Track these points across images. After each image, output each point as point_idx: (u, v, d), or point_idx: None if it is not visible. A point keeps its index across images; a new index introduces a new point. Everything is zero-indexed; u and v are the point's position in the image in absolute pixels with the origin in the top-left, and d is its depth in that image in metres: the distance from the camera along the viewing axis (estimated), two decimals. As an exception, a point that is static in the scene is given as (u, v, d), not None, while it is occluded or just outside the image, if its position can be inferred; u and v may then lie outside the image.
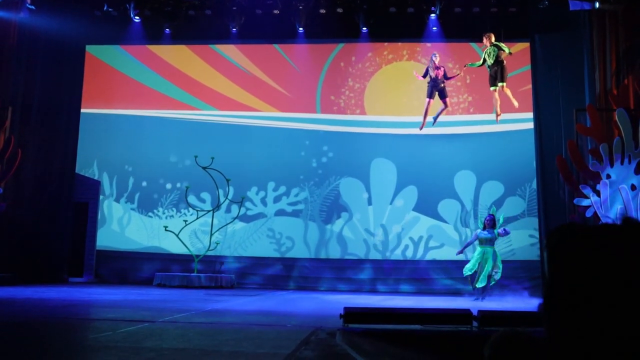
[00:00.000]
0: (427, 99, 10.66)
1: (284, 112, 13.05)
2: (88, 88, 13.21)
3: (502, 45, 10.41)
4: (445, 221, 12.29)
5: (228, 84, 13.21)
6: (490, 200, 12.09)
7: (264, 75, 13.19)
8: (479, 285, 9.81)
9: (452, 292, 11.43)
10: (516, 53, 11.88)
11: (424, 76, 10.78)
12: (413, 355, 5.04)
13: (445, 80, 10.77)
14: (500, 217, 10.35)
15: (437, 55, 10.82)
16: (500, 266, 9.95)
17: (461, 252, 10.69)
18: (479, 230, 10.24)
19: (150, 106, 13.25)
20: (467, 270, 9.99)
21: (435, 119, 10.88)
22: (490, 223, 10.12)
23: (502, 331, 1.27)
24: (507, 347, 1.46)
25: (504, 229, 10.18)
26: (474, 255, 10.12)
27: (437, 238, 12.26)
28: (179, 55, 13.40)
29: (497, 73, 10.40)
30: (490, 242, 10.02)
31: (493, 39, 10.49)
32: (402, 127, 12.58)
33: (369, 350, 4.80)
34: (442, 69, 10.69)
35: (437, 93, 10.64)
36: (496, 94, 10.47)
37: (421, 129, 11.03)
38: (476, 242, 10.25)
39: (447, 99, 10.80)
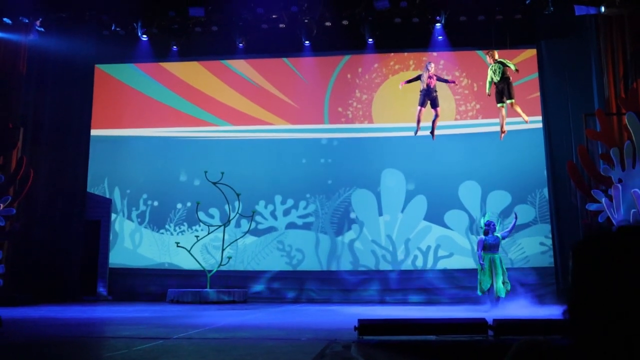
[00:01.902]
0: (419, 107, 10.65)
1: (293, 124, 13.11)
2: (97, 106, 13.34)
3: (507, 61, 10.36)
4: (454, 230, 12.25)
5: (236, 96, 13.29)
6: (499, 209, 12.04)
7: (272, 87, 13.27)
8: (501, 295, 9.67)
9: (463, 301, 11.36)
10: (523, 61, 11.89)
11: (413, 80, 10.74)
12: (429, 366, 5.01)
13: (437, 87, 10.71)
14: (487, 218, 10.17)
15: (432, 64, 10.82)
16: (506, 274, 9.85)
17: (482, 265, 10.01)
18: (482, 237, 10.13)
19: (159, 123, 13.35)
20: (486, 284, 9.82)
21: (432, 132, 10.81)
22: (494, 228, 10.03)
23: (522, 341, 1.26)
24: (528, 357, 1.45)
25: (496, 237, 9.99)
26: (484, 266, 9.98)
27: (446, 247, 12.22)
28: (187, 70, 13.52)
29: (504, 90, 10.34)
30: (496, 247, 9.94)
31: (497, 56, 10.47)
32: (411, 137, 12.56)
33: (385, 362, 4.78)
34: (434, 78, 10.67)
35: (429, 102, 10.62)
36: (503, 111, 10.40)
37: (416, 133, 10.97)
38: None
39: (439, 109, 10.76)
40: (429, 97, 10.58)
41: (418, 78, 10.75)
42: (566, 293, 0.95)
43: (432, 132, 10.79)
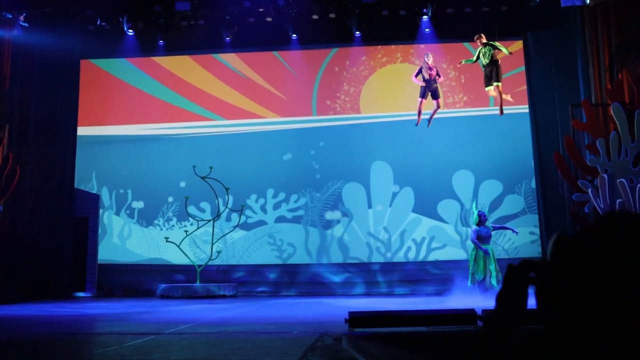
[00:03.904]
0: (419, 99, 10.64)
1: (281, 116, 13.09)
2: (83, 102, 13.25)
3: (500, 45, 10.36)
4: (445, 222, 12.31)
5: (224, 88, 13.24)
6: (490, 199, 12.13)
7: (260, 79, 13.24)
8: (495, 285, 9.64)
9: (454, 292, 11.42)
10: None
11: (417, 75, 10.74)
12: (420, 357, 5.05)
13: (437, 79, 10.71)
14: (474, 210, 10.17)
15: (430, 55, 10.78)
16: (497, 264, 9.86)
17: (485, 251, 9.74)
18: (474, 227, 10.05)
19: (147, 117, 13.27)
20: (479, 275, 9.82)
21: (429, 120, 10.85)
22: (485, 218, 10.01)
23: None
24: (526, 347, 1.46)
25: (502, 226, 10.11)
26: (478, 257, 9.95)
27: (439, 239, 12.28)
28: (175, 62, 13.44)
29: (492, 72, 10.36)
30: (488, 239, 9.94)
31: (484, 39, 10.47)
32: (399, 130, 12.62)
33: (376, 354, 4.81)
34: (434, 69, 10.67)
35: (430, 93, 10.62)
36: (492, 93, 10.42)
37: (417, 125, 10.95)
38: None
39: (440, 100, 10.78)
40: (429, 88, 10.55)
41: (420, 71, 10.71)
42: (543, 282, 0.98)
43: (429, 121, 10.79)
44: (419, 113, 10.66)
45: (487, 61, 10.30)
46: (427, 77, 10.54)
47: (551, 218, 11.71)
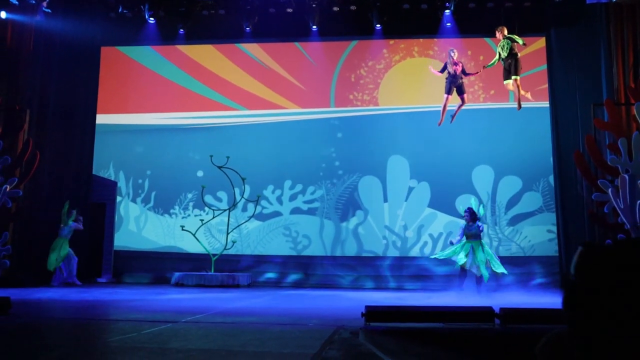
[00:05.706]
0: (445, 95, 10.52)
1: (300, 107, 13.05)
2: (103, 89, 13.31)
3: (515, 37, 10.23)
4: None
5: (244, 76, 13.23)
6: (509, 195, 12.05)
7: (280, 68, 13.21)
8: (485, 273, 9.66)
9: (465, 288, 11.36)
10: (532, 52, 11.77)
11: (442, 71, 10.67)
12: (436, 353, 5.03)
13: (463, 76, 10.61)
14: (480, 209, 10.24)
15: (455, 51, 10.65)
16: (493, 258, 9.84)
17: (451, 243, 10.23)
18: (463, 223, 10.14)
19: (167, 106, 13.31)
20: (460, 260, 9.84)
21: (452, 116, 10.75)
22: (469, 217, 10.01)
23: (552, 333, 1.26)
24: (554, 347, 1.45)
25: (478, 225, 10.03)
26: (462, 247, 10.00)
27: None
28: (196, 50, 13.44)
29: (511, 66, 10.25)
30: (475, 237, 9.94)
31: (505, 32, 10.34)
32: (418, 123, 12.55)
33: (393, 349, 4.79)
34: (460, 64, 10.54)
35: (455, 89, 10.51)
36: (511, 87, 10.31)
37: (440, 124, 10.86)
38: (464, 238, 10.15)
39: (465, 95, 10.68)
40: (454, 84, 10.44)
41: (445, 67, 10.61)
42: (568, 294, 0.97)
43: (452, 116, 10.70)
44: (444, 110, 10.54)
45: (506, 54, 10.18)
46: (452, 72, 10.43)
47: (569, 217, 11.60)
